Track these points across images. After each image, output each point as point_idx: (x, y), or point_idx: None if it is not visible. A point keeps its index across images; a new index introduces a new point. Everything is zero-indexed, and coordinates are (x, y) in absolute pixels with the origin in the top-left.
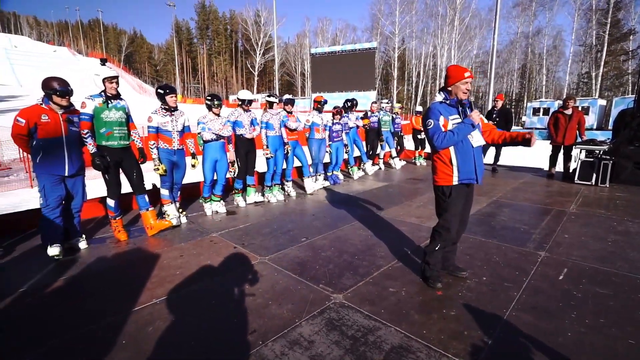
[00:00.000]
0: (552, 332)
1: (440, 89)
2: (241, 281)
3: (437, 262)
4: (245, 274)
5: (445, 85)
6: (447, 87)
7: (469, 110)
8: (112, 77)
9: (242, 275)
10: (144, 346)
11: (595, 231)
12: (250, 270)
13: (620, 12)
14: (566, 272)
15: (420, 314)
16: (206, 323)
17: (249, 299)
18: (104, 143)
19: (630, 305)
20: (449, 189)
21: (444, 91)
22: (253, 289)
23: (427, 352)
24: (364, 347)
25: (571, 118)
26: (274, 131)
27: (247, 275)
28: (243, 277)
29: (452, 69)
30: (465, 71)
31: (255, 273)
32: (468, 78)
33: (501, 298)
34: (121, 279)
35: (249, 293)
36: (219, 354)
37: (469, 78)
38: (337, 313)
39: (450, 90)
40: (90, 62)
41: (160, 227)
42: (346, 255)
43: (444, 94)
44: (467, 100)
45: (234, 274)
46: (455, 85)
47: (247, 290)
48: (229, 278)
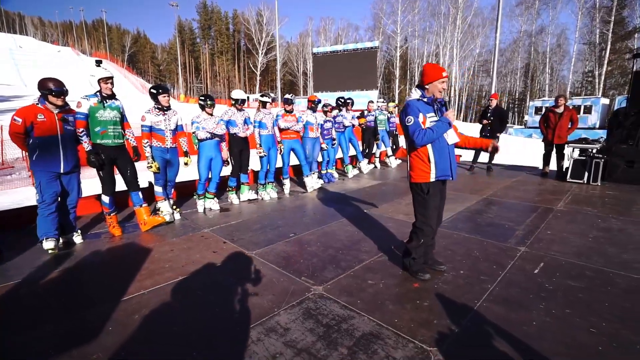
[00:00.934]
0: (519, 322)
1: (417, 86)
2: (226, 274)
3: (421, 255)
4: (231, 267)
5: (421, 83)
6: (424, 85)
7: (444, 108)
8: (107, 78)
9: (228, 268)
10: (129, 332)
11: (579, 228)
12: (236, 263)
13: (624, 10)
14: (542, 266)
15: (394, 304)
16: (189, 312)
17: (231, 290)
18: (98, 141)
19: (598, 297)
20: (427, 186)
21: (420, 89)
22: (237, 281)
23: (395, 339)
24: (336, 334)
25: (562, 116)
26: (266, 130)
27: (232, 269)
28: (229, 270)
29: (429, 67)
30: (443, 70)
31: (241, 266)
32: (445, 77)
33: (475, 290)
34: (113, 271)
35: (233, 285)
36: (198, 339)
37: (446, 77)
38: (315, 303)
39: (427, 88)
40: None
41: (153, 223)
42: (331, 250)
43: (420, 92)
44: (441, 99)
45: (221, 267)
46: (432, 84)
47: (231, 282)
48: (215, 271)
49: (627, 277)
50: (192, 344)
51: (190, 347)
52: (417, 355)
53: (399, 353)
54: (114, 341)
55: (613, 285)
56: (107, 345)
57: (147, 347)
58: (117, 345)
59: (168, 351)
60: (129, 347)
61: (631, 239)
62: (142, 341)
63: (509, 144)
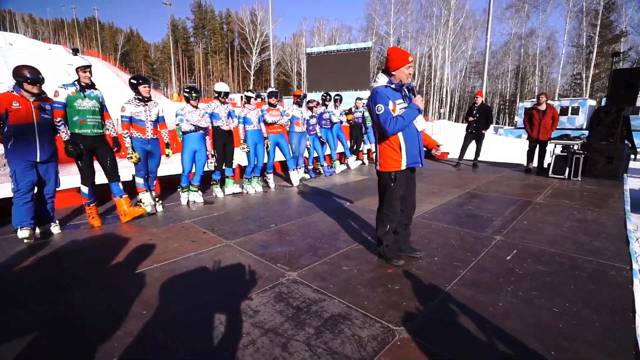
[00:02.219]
0: (486, 303)
1: (382, 71)
2: (202, 262)
3: (394, 242)
4: (208, 255)
5: (387, 68)
6: (391, 71)
7: (411, 94)
8: (86, 67)
9: (205, 256)
10: (100, 314)
11: (555, 219)
12: (212, 252)
13: (612, 14)
14: (515, 253)
15: (365, 288)
16: (160, 296)
17: (206, 277)
18: (77, 131)
19: (565, 280)
20: (395, 174)
21: (386, 74)
22: (212, 268)
23: (362, 320)
24: (305, 315)
25: (545, 114)
26: (252, 125)
27: (209, 257)
28: (205, 258)
29: (394, 52)
30: (409, 55)
31: (218, 254)
32: (411, 62)
33: (447, 275)
34: (88, 258)
35: (208, 271)
36: (167, 322)
37: (412, 62)
38: (287, 288)
39: (393, 74)
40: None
41: (134, 214)
42: (310, 239)
43: (387, 78)
44: (409, 84)
45: (197, 256)
46: (399, 70)
47: (206, 269)
48: (191, 259)
49: (595, 263)
50: (158, 325)
51: (156, 329)
52: (383, 333)
53: (365, 332)
54: (86, 325)
55: (581, 270)
56: (78, 325)
57: (115, 327)
58: (89, 327)
59: (133, 333)
60: (98, 328)
61: (603, 229)
62: (111, 323)
63: (499, 143)
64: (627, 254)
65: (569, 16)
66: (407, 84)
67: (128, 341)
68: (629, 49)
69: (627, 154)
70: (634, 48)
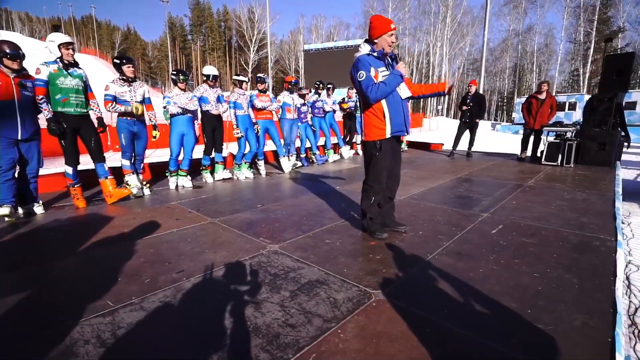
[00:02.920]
0: (465, 269)
1: (365, 40)
2: (184, 236)
3: (378, 215)
4: (190, 231)
5: (370, 37)
6: (373, 40)
7: (394, 62)
8: (68, 43)
9: (187, 231)
10: (75, 285)
11: (544, 199)
12: (195, 228)
13: (609, 10)
14: (501, 227)
15: (346, 258)
16: (137, 265)
17: (186, 248)
18: (59, 109)
19: (549, 250)
20: (380, 143)
21: (369, 43)
22: (193, 241)
23: (340, 284)
24: (282, 281)
25: (544, 102)
26: (242, 110)
27: (191, 232)
28: (187, 233)
29: (376, 20)
30: (391, 22)
31: (200, 230)
32: (393, 30)
33: (430, 246)
34: (69, 234)
35: (189, 244)
36: (144, 290)
37: (394, 30)
38: (267, 258)
39: (375, 42)
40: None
41: (119, 195)
42: (295, 217)
43: (369, 46)
44: (392, 53)
45: (179, 231)
46: (381, 38)
47: (186, 242)
48: (173, 234)
49: (581, 235)
50: (132, 294)
51: (129, 292)
52: (359, 296)
53: (341, 295)
54: (60, 288)
55: (565, 241)
56: (56, 290)
57: (89, 290)
58: (64, 293)
59: (106, 297)
60: (71, 292)
61: (592, 207)
62: (85, 289)
63: (496, 138)
64: (613, 228)
65: (567, 12)
66: (390, 52)
67: (103, 302)
68: (626, 44)
69: (620, 142)
70: (631, 44)
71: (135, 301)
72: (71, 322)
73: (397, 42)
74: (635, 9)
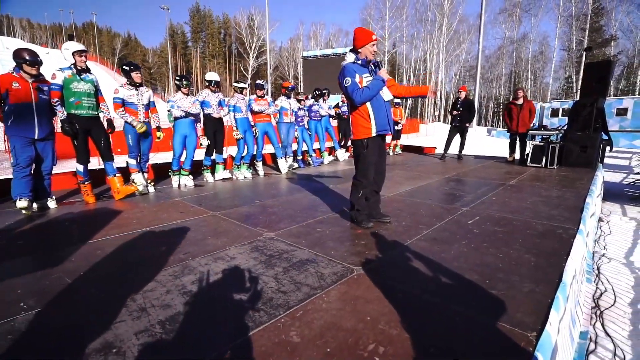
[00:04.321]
0: (439, 252)
1: (350, 50)
2: (187, 226)
3: (365, 207)
4: (194, 222)
5: (354, 47)
6: (357, 49)
7: (377, 69)
8: (82, 51)
9: (190, 223)
10: (90, 263)
11: (522, 196)
12: (198, 220)
13: (601, 19)
14: (477, 219)
15: (334, 242)
16: (148, 249)
17: (190, 235)
18: (73, 111)
19: (515, 236)
20: (367, 141)
21: (353, 52)
22: (196, 230)
23: (327, 263)
24: (276, 260)
25: (522, 107)
26: (241, 113)
27: (194, 223)
28: (190, 224)
29: (359, 32)
30: (372, 34)
31: (203, 221)
32: (375, 40)
33: (410, 233)
34: (82, 224)
35: (192, 232)
36: (152, 269)
37: (376, 40)
38: (263, 243)
39: (359, 52)
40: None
41: (126, 192)
42: (290, 211)
43: (354, 55)
44: (374, 60)
45: (183, 222)
46: (364, 48)
47: (190, 230)
48: (178, 224)
49: (547, 225)
50: (144, 271)
51: (140, 271)
52: (342, 270)
53: (327, 270)
54: (74, 267)
55: (532, 229)
56: (68, 269)
57: (102, 272)
58: (77, 271)
59: (115, 275)
60: (85, 273)
61: (564, 202)
62: (97, 269)
63: (491, 143)
64: (578, 219)
65: (559, 21)
66: (373, 60)
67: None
68: (619, 52)
69: (603, 145)
70: (624, 52)
71: (147, 275)
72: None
73: (378, 52)
74: (627, 17)
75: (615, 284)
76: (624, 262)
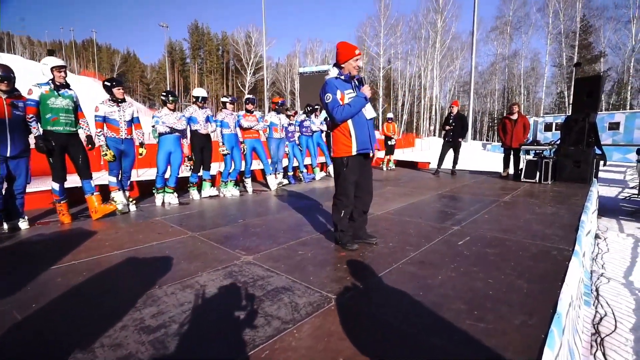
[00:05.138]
0: (425, 277)
1: (334, 65)
2: (162, 248)
3: (348, 228)
4: (169, 244)
5: (337, 62)
6: (340, 64)
7: (361, 85)
8: (61, 67)
9: (166, 244)
10: (46, 294)
11: (515, 213)
12: (175, 241)
13: (590, 37)
14: (468, 239)
15: (315, 267)
16: (114, 276)
17: (162, 259)
18: (49, 128)
19: (507, 258)
20: (347, 159)
21: (337, 67)
22: (171, 253)
23: (304, 291)
24: (249, 287)
25: (516, 122)
26: (229, 129)
27: (170, 245)
28: (166, 246)
29: (342, 46)
30: (355, 49)
31: (179, 243)
32: (358, 55)
33: (396, 256)
34: (51, 247)
35: (165, 256)
36: (112, 301)
37: (359, 55)
38: (239, 268)
39: (342, 67)
40: (81, 80)
41: (104, 211)
42: (273, 231)
43: (337, 70)
44: (358, 76)
45: (158, 244)
46: (347, 62)
47: (164, 254)
48: (152, 247)
49: (541, 245)
50: (98, 304)
51: (100, 303)
52: (320, 300)
53: (303, 300)
54: (27, 298)
55: (525, 251)
56: (20, 301)
57: (57, 305)
58: (29, 303)
59: (69, 309)
60: (37, 307)
61: (558, 219)
62: (52, 301)
63: (485, 157)
64: (573, 239)
65: (549, 38)
66: (357, 75)
67: (64, 319)
68: (608, 68)
69: (597, 160)
70: (613, 68)
71: (105, 308)
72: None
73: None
74: (614, 35)
75: (615, 307)
76: (624, 282)
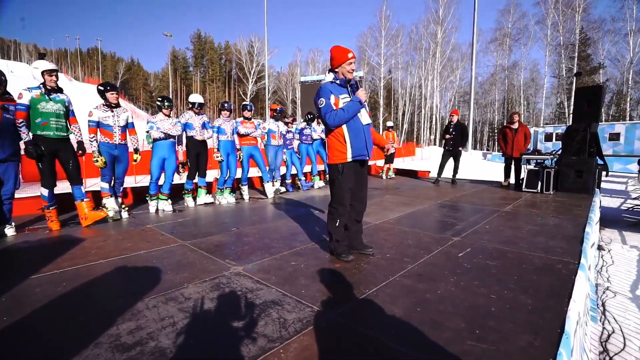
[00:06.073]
0: (423, 291)
1: (329, 70)
2: (149, 258)
3: (344, 237)
4: (158, 253)
5: (331, 66)
6: (334, 69)
7: (355, 89)
8: (52, 70)
9: (154, 253)
10: (19, 306)
11: (516, 223)
12: (164, 251)
13: (589, 49)
14: (468, 250)
15: (307, 279)
16: (95, 288)
17: (149, 269)
18: (39, 132)
19: (510, 272)
20: (342, 166)
21: (332, 72)
22: (158, 262)
23: (294, 305)
24: (236, 301)
25: (517, 132)
26: (225, 136)
27: (158, 254)
28: (154, 255)
29: (335, 50)
30: (348, 52)
31: (168, 252)
32: (352, 59)
33: (394, 268)
34: (35, 255)
35: (151, 265)
36: (89, 314)
37: (353, 58)
38: (228, 279)
39: (337, 71)
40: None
41: (95, 218)
42: (267, 240)
43: (332, 75)
44: (353, 80)
45: (146, 253)
46: (341, 67)
47: (150, 264)
48: (140, 256)
49: (545, 258)
50: (73, 316)
51: (71, 317)
52: (310, 316)
53: (293, 315)
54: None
55: (528, 264)
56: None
57: (29, 321)
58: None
59: (42, 325)
60: (8, 322)
61: (562, 231)
62: (25, 316)
63: (486, 167)
64: (578, 252)
65: (548, 49)
66: (352, 79)
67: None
68: (607, 79)
69: (599, 170)
70: (611, 79)
71: (80, 321)
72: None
73: (356, 70)
74: (613, 47)
75: (622, 323)
76: (630, 296)
